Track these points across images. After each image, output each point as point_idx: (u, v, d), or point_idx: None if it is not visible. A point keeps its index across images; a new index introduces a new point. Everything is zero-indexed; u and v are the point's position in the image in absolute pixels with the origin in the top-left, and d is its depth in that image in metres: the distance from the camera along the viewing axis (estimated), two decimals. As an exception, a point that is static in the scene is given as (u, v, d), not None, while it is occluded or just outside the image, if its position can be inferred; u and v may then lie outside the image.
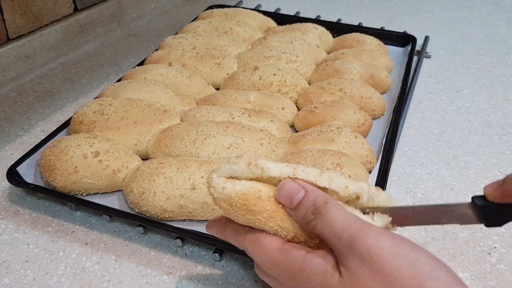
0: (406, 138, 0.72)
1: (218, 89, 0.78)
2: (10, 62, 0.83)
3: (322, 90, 0.72)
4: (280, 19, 0.99)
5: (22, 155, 0.62)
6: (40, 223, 0.56)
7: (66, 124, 0.67)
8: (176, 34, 0.91)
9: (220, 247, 0.51)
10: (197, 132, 0.60)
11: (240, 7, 1.01)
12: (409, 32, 0.98)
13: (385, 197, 0.38)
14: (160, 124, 0.64)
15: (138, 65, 0.81)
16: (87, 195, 0.57)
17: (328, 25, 0.96)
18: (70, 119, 0.66)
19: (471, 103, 0.82)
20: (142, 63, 0.81)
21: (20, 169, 0.59)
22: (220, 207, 0.36)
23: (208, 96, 0.72)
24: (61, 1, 0.89)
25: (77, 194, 0.57)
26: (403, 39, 0.94)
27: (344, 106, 0.67)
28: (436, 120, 0.77)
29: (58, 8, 0.89)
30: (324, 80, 0.76)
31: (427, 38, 1.00)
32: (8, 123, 0.74)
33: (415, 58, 0.92)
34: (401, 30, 1.00)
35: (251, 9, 1.02)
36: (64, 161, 0.56)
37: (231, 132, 0.60)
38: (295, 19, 0.99)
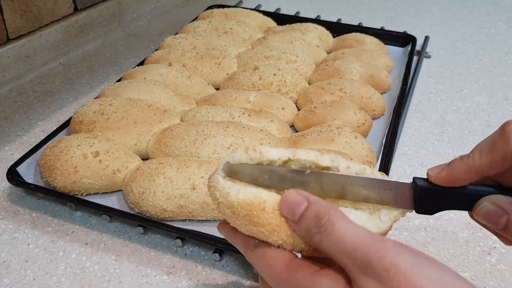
0: (406, 138, 0.72)
1: (218, 89, 0.78)
2: (10, 62, 0.83)
3: (322, 90, 0.72)
4: (280, 19, 0.99)
5: (22, 155, 0.62)
6: (40, 223, 0.56)
7: (66, 124, 0.67)
8: (176, 34, 0.91)
9: (220, 247, 0.51)
10: (197, 132, 0.60)
11: (240, 7, 1.01)
12: (409, 32, 0.98)
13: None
14: (160, 124, 0.63)
15: (138, 65, 0.81)
16: (87, 195, 0.57)
17: (328, 25, 0.96)
18: (70, 119, 0.66)
19: (471, 103, 0.82)
20: (142, 63, 0.81)
21: (20, 169, 0.59)
22: (223, 213, 0.35)
23: (208, 96, 0.72)
24: (61, 1, 0.89)
25: (77, 194, 0.57)
26: (403, 39, 0.94)
27: (344, 106, 0.67)
28: (436, 120, 0.77)
29: (58, 8, 0.89)
30: (324, 80, 0.76)
31: (427, 38, 1.00)
32: (8, 123, 0.74)
33: (415, 58, 0.92)
34: (401, 30, 1.00)
35: (251, 9, 1.02)
36: (64, 161, 0.56)
37: (231, 132, 0.60)
38: (295, 19, 0.99)
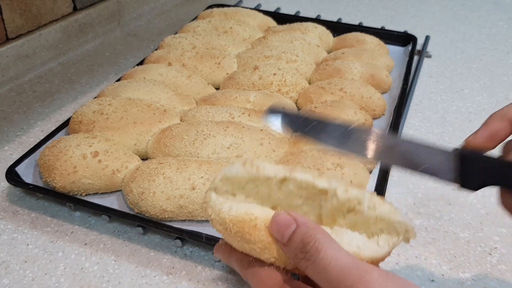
0: (407, 138, 0.72)
1: (218, 89, 0.78)
2: (9, 61, 0.82)
3: (322, 90, 0.72)
4: (280, 18, 0.99)
5: (21, 155, 0.61)
6: (39, 223, 0.56)
7: (66, 124, 0.66)
8: (175, 33, 0.91)
9: (220, 248, 0.51)
10: (196, 132, 0.60)
11: (240, 7, 1.01)
12: (409, 31, 0.98)
13: (389, 208, 0.35)
14: (160, 124, 0.63)
15: (138, 64, 0.80)
16: (86, 195, 0.57)
17: (328, 24, 0.95)
18: (69, 119, 0.66)
19: (472, 103, 0.81)
20: (141, 63, 0.81)
21: (19, 169, 0.59)
22: (217, 229, 0.35)
23: (208, 96, 0.72)
24: (60, 0, 0.89)
25: (76, 194, 0.56)
26: (403, 39, 0.93)
27: (345, 106, 0.67)
28: (436, 120, 0.77)
29: (58, 7, 0.89)
30: (324, 80, 0.76)
31: (427, 38, 1.00)
32: (7, 123, 0.74)
33: (416, 58, 0.91)
34: (401, 29, 1.00)
35: (251, 8, 1.02)
36: (63, 161, 0.56)
37: (231, 132, 0.59)
38: (295, 18, 0.99)
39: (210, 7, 1.04)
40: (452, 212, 0.59)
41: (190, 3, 1.20)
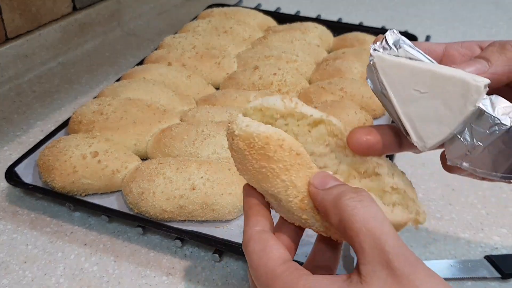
0: (407, 138, 0.72)
1: (218, 88, 0.78)
2: (8, 61, 0.82)
3: (323, 90, 0.71)
4: (281, 18, 0.99)
5: (20, 155, 0.61)
6: (38, 224, 0.56)
7: (65, 124, 0.66)
8: (175, 33, 0.91)
9: (220, 248, 0.50)
10: (196, 132, 0.60)
11: (240, 6, 1.01)
12: (410, 31, 0.97)
13: (407, 181, 0.36)
14: (160, 124, 0.63)
15: (138, 64, 0.80)
16: (86, 195, 0.57)
17: (328, 24, 0.95)
18: (69, 119, 0.66)
19: (472, 103, 0.81)
20: (141, 63, 0.81)
21: (19, 169, 0.59)
22: (236, 148, 0.33)
23: (208, 96, 0.72)
24: (60, 0, 0.89)
25: (76, 195, 0.56)
26: (404, 39, 0.93)
27: (345, 106, 0.67)
28: (437, 120, 0.76)
29: (57, 7, 0.89)
30: (325, 80, 0.76)
31: (428, 38, 0.99)
32: (7, 123, 0.74)
33: (416, 58, 0.91)
34: (402, 29, 1.00)
35: (251, 8, 1.02)
36: (63, 161, 0.56)
37: (231, 132, 0.59)
38: (296, 18, 0.99)
39: (210, 6, 1.04)
40: (453, 212, 0.58)
41: (190, 3, 1.20)
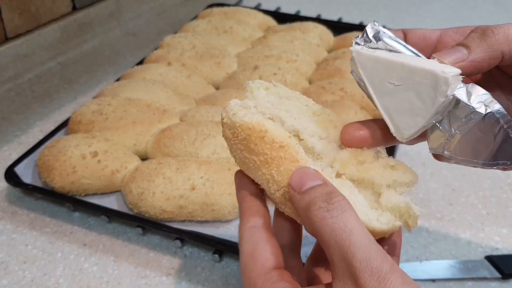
0: (407, 138, 0.72)
1: (218, 88, 0.78)
2: (8, 61, 0.82)
3: (323, 90, 0.71)
4: (281, 18, 0.99)
5: (20, 155, 0.61)
6: (38, 224, 0.56)
7: (65, 124, 0.66)
8: (175, 33, 0.90)
9: (220, 248, 0.50)
10: (196, 132, 0.59)
11: (240, 6, 1.01)
12: (410, 31, 0.97)
13: (404, 168, 0.36)
14: (159, 124, 0.63)
15: (137, 64, 0.80)
16: (85, 195, 0.57)
17: (329, 24, 0.95)
18: (68, 119, 0.66)
19: (473, 103, 0.81)
20: (141, 63, 0.81)
21: (18, 169, 0.59)
22: (224, 135, 0.34)
23: (208, 96, 0.72)
24: (59, 0, 0.89)
25: (75, 195, 0.56)
26: (404, 38, 0.93)
27: (345, 106, 0.67)
28: (437, 119, 0.76)
29: (57, 7, 0.89)
30: (325, 80, 0.76)
31: (428, 37, 0.99)
32: (6, 123, 0.74)
33: (416, 57, 0.91)
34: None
35: (251, 8, 1.01)
36: (63, 161, 0.56)
37: (231, 132, 0.59)
38: (296, 18, 0.99)
39: (210, 6, 1.04)
40: (453, 213, 0.58)
41: (190, 3, 1.20)
